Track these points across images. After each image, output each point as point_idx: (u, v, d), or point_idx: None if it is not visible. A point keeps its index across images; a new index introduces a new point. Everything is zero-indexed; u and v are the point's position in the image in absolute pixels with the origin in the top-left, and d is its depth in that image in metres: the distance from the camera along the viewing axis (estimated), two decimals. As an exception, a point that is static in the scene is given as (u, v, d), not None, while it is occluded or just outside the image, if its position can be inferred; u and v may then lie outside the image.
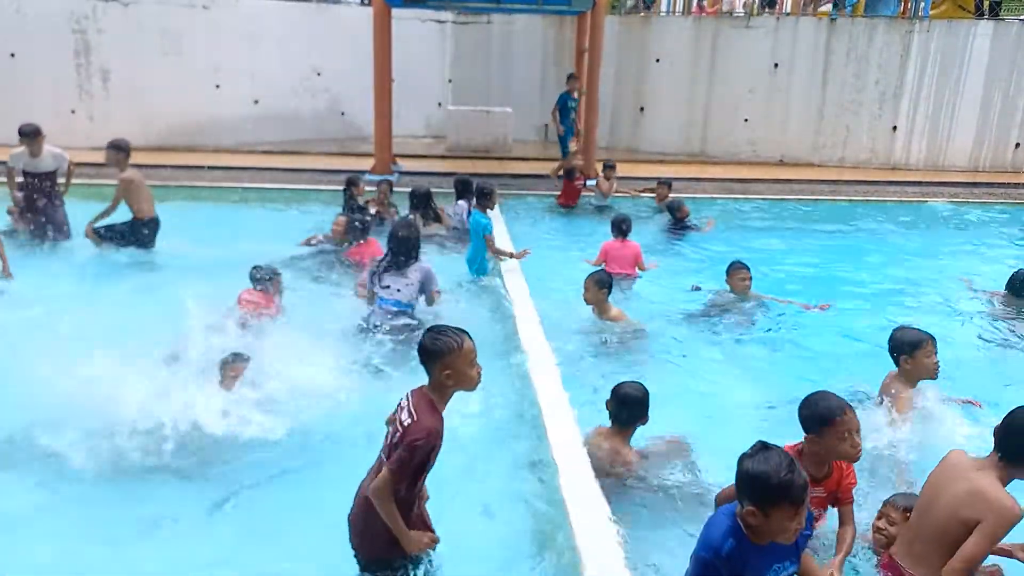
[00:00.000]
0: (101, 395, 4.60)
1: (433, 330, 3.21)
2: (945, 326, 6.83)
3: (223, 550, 3.71)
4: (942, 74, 14.37)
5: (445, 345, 3.11)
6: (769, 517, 2.61)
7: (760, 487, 2.61)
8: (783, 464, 2.61)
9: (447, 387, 3.15)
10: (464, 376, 3.14)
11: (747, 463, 2.67)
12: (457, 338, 3.14)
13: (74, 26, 13.61)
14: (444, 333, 3.16)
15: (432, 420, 3.07)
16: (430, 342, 3.14)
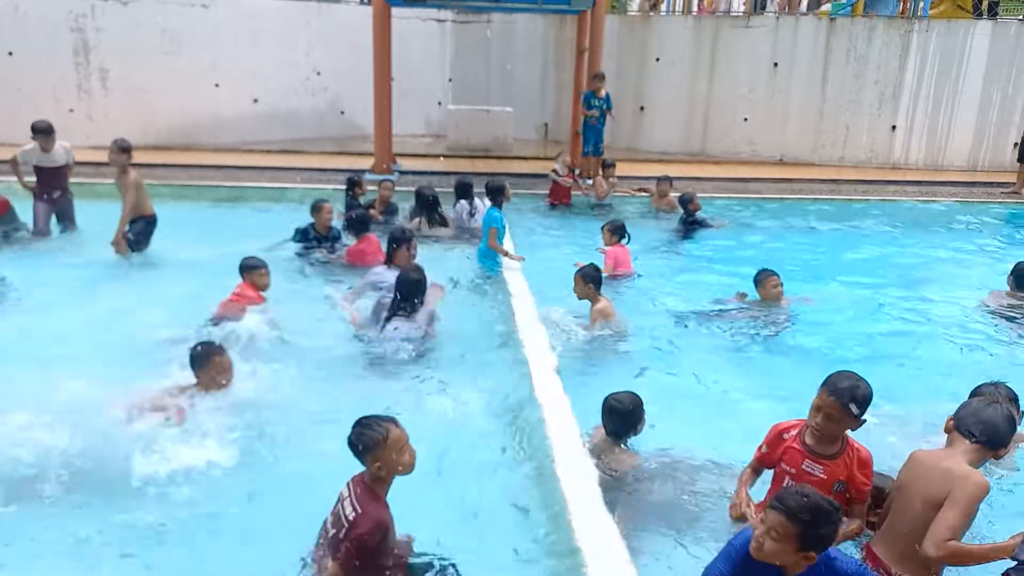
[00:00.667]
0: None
1: (359, 424, 3.18)
2: (947, 327, 6.86)
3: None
4: (941, 74, 14.38)
5: (371, 440, 3.10)
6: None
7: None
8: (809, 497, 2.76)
9: (382, 478, 3.16)
10: (395, 464, 3.14)
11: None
12: (382, 430, 3.13)
13: (72, 25, 13.59)
14: (369, 427, 3.14)
15: (377, 511, 3.09)
16: (355, 437, 3.13)
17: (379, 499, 3.15)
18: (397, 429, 3.17)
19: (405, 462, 3.17)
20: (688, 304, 7.16)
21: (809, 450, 3.41)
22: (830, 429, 3.32)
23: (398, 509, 3.29)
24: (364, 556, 3.05)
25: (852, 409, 3.24)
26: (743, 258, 8.82)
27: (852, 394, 3.25)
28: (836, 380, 3.31)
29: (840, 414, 3.26)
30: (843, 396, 3.25)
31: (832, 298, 7.60)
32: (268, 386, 5.11)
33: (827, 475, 3.35)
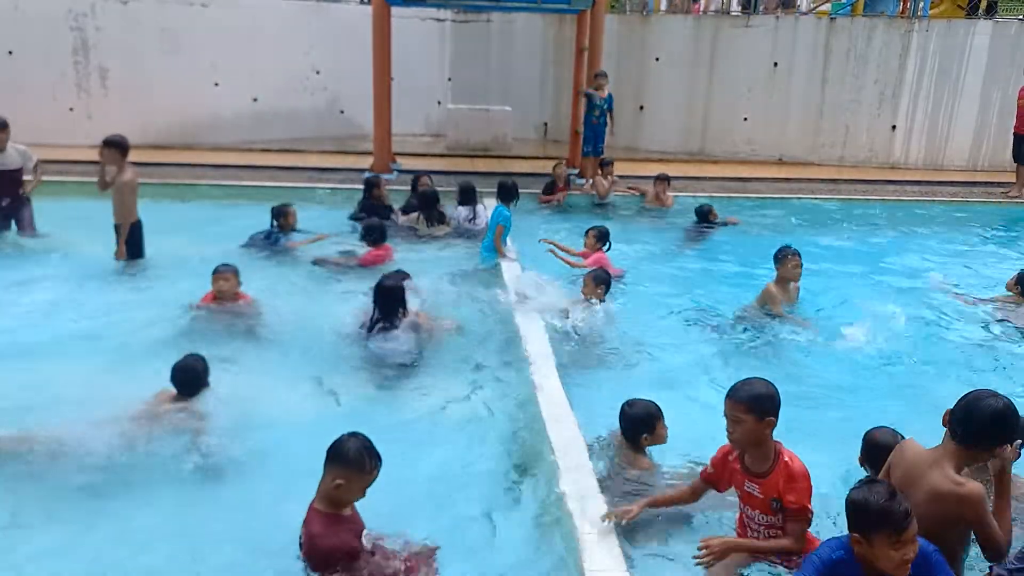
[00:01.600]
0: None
1: (358, 439, 3.16)
2: (945, 327, 6.86)
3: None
4: (941, 73, 14.37)
5: (358, 463, 3.10)
6: (872, 544, 2.70)
7: (860, 514, 2.74)
8: (883, 493, 2.72)
9: (333, 496, 3.13)
10: (351, 494, 3.16)
11: (851, 494, 2.81)
12: (373, 462, 3.13)
13: (72, 24, 13.58)
14: (367, 451, 3.13)
15: (313, 527, 3.09)
16: (352, 448, 3.11)
17: (321, 516, 3.11)
18: (377, 471, 3.18)
19: (360, 496, 3.19)
20: (692, 305, 7.15)
21: (746, 470, 3.38)
22: (739, 435, 3.28)
23: (397, 511, 3.30)
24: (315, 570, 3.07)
25: (750, 407, 3.21)
26: (744, 259, 8.82)
27: (747, 393, 3.23)
28: (735, 385, 3.31)
29: (742, 415, 3.23)
30: (738, 396, 3.24)
31: (831, 299, 7.59)
32: (261, 390, 5.11)
33: (763, 493, 3.32)
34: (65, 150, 12.77)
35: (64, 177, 10.46)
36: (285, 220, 8.50)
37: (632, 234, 9.78)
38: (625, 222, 10.47)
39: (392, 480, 4.17)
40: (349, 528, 3.17)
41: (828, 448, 4.24)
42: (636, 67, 15.56)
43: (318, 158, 13.47)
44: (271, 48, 14.62)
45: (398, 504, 3.99)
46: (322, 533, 3.08)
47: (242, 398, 4.86)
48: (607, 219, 10.47)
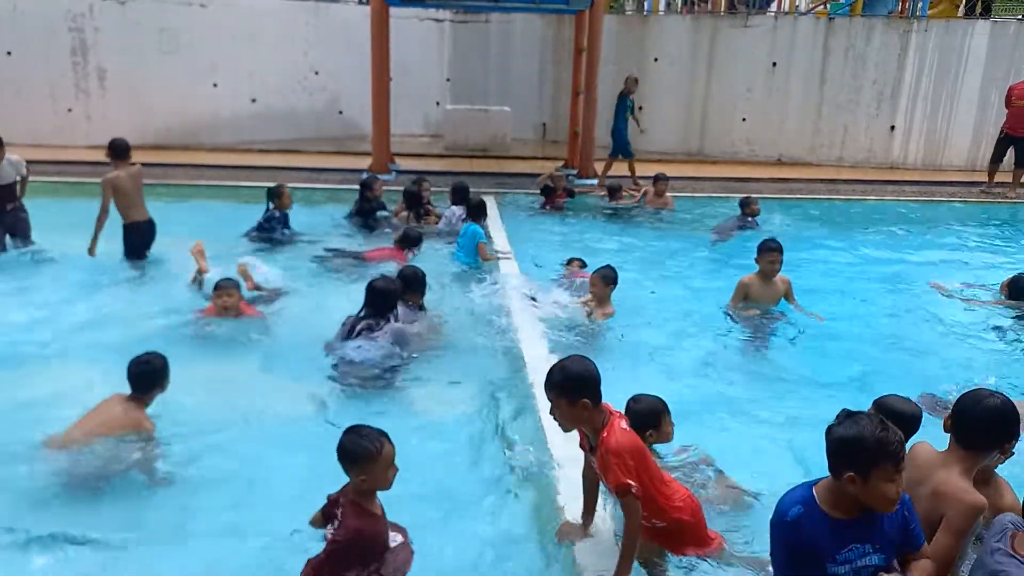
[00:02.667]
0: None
1: (353, 432, 3.15)
2: (943, 328, 6.85)
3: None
4: (940, 73, 14.38)
5: (364, 451, 3.08)
6: (869, 481, 2.53)
7: (856, 450, 2.53)
8: (875, 423, 2.56)
9: (364, 491, 3.15)
10: (380, 480, 3.13)
11: (837, 431, 2.60)
12: (376, 443, 3.10)
13: (71, 24, 13.58)
14: (364, 437, 3.12)
15: (357, 522, 3.09)
16: (349, 444, 3.10)
17: (363, 512, 3.14)
18: (389, 445, 3.15)
19: (388, 479, 3.14)
20: (699, 306, 7.14)
21: (589, 443, 3.37)
22: (559, 419, 3.26)
23: (393, 512, 3.30)
24: (338, 561, 3.07)
25: (560, 392, 3.19)
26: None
27: (558, 378, 3.22)
28: (550, 369, 3.28)
29: (556, 400, 3.22)
30: (549, 382, 3.24)
31: (829, 299, 7.59)
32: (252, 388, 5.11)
33: (598, 467, 3.29)
34: (64, 151, 12.81)
35: (63, 178, 10.48)
36: (280, 201, 8.55)
37: (632, 235, 9.83)
38: (628, 224, 10.49)
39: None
40: (376, 525, 3.20)
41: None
42: (634, 67, 15.53)
43: (317, 158, 13.48)
44: (270, 48, 14.63)
45: (395, 506, 4.00)
46: (362, 525, 3.11)
47: (226, 404, 4.88)
48: (602, 222, 10.52)
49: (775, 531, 2.71)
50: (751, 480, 4.07)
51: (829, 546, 2.62)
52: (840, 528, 2.63)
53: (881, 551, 2.67)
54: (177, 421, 4.53)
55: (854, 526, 2.64)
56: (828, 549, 2.62)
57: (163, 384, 4.42)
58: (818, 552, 2.62)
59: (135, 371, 4.35)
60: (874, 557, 2.67)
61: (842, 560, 2.63)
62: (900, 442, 2.55)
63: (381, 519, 3.24)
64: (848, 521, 2.63)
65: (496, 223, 9.60)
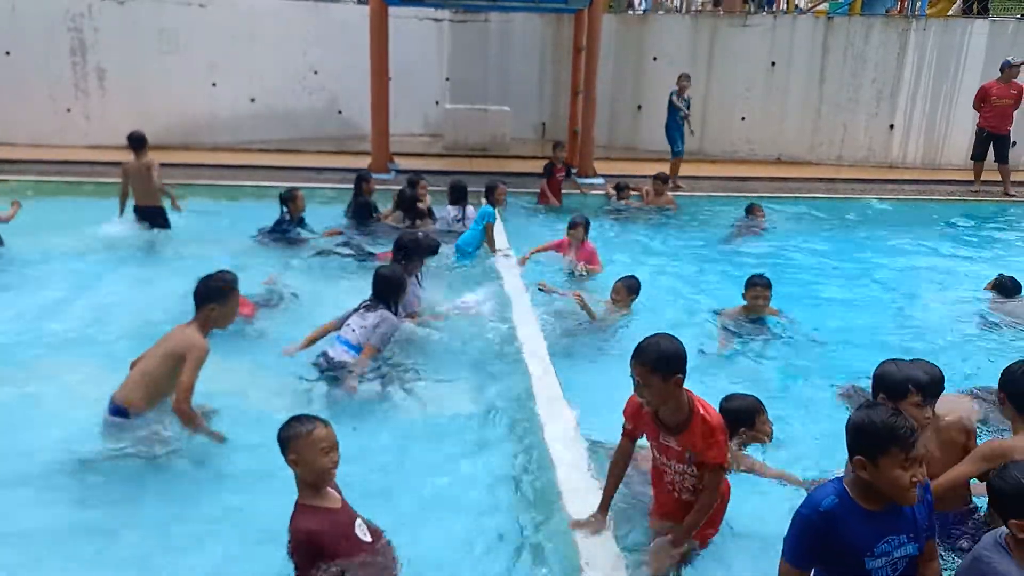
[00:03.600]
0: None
1: (288, 419, 3.14)
2: (942, 328, 6.86)
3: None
4: (939, 72, 14.39)
5: (293, 431, 3.07)
6: (879, 467, 2.54)
7: (864, 434, 2.57)
8: (886, 411, 2.60)
9: (301, 479, 3.09)
10: (311, 464, 3.06)
11: (852, 417, 2.65)
12: (308, 424, 3.08)
13: (70, 24, 13.58)
14: (296, 420, 3.11)
15: (305, 522, 3.02)
16: (281, 429, 3.10)
17: (307, 509, 3.07)
18: (323, 428, 3.11)
19: (322, 464, 3.07)
20: (700, 305, 7.14)
21: (660, 423, 3.34)
22: (649, 396, 3.23)
23: (391, 513, 3.29)
24: (302, 569, 3.02)
25: (655, 368, 3.15)
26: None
27: (652, 354, 3.18)
28: (640, 345, 3.23)
29: (649, 376, 3.17)
30: (643, 357, 3.19)
31: (827, 298, 7.60)
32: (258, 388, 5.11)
33: (680, 445, 3.29)
34: (63, 150, 12.81)
35: (62, 177, 10.48)
36: (294, 205, 8.67)
37: (634, 233, 9.85)
38: (628, 222, 10.52)
39: (388, 482, 4.21)
40: (332, 518, 3.11)
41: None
42: (634, 67, 15.57)
43: (316, 158, 13.47)
44: (269, 48, 14.63)
45: (392, 506, 4.00)
46: (312, 524, 3.03)
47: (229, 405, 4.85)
48: (604, 221, 10.53)
49: (805, 523, 2.65)
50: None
51: (865, 538, 2.60)
52: (874, 519, 2.61)
53: (915, 540, 2.67)
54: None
55: (888, 517, 2.62)
56: (865, 541, 2.60)
57: (220, 300, 4.44)
58: (854, 544, 2.60)
59: (197, 288, 4.44)
60: (909, 547, 2.66)
61: (879, 553, 2.62)
62: (911, 429, 2.55)
63: (339, 511, 3.14)
64: (881, 513, 2.62)
65: (496, 223, 9.58)
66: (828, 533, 2.60)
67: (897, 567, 2.65)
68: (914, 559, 2.69)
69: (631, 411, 3.47)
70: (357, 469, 4.26)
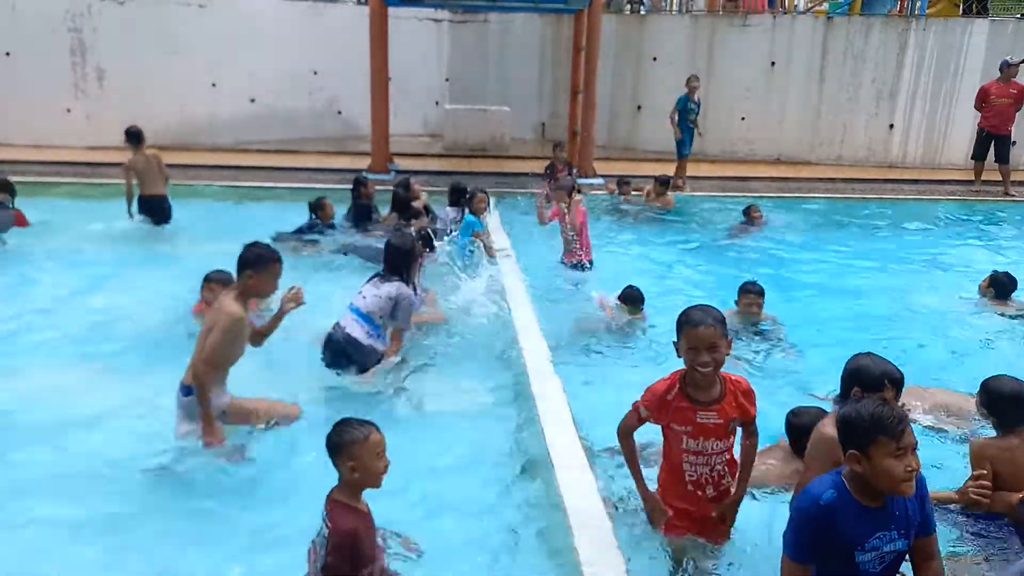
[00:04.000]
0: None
1: (339, 424, 3.15)
2: (940, 328, 6.86)
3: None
4: (938, 72, 14.39)
5: (351, 436, 3.06)
6: (871, 458, 2.55)
7: (853, 426, 2.60)
8: (873, 402, 2.65)
9: (354, 482, 3.09)
10: (369, 469, 3.08)
11: (840, 412, 2.70)
12: (364, 429, 3.09)
13: (70, 24, 13.58)
14: (349, 425, 3.11)
15: (348, 521, 3.03)
16: (335, 433, 3.09)
17: (348, 509, 3.08)
18: (377, 433, 3.13)
19: (379, 469, 3.10)
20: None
21: (696, 402, 3.32)
22: (718, 362, 3.23)
23: (391, 512, 3.30)
24: (336, 569, 3.01)
25: (725, 332, 3.23)
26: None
27: (719, 317, 3.25)
28: (706, 313, 3.25)
29: (722, 339, 3.20)
30: (717, 321, 3.22)
31: (823, 299, 7.60)
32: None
33: (722, 418, 3.31)
34: (62, 151, 12.80)
35: (62, 178, 10.48)
36: (323, 212, 8.84)
37: (633, 232, 9.85)
38: (627, 221, 10.53)
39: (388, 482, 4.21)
40: (367, 522, 3.15)
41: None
42: (633, 67, 15.57)
43: (316, 159, 13.47)
44: (269, 49, 14.62)
45: (393, 507, 4.00)
46: (356, 524, 3.04)
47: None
48: (608, 221, 10.56)
49: (803, 516, 2.67)
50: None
51: (859, 533, 2.63)
52: (869, 515, 2.64)
53: (905, 536, 2.69)
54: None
55: (881, 513, 2.65)
56: (857, 536, 2.63)
57: (257, 268, 4.38)
58: (848, 538, 2.63)
59: (239, 255, 4.46)
60: (898, 543, 2.69)
61: (869, 548, 2.65)
62: (900, 419, 2.57)
63: (368, 515, 3.19)
64: (875, 508, 2.65)
65: (496, 223, 9.60)
66: (827, 527, 2.63)
67: (884, 561, 2.69)
68: (902, 555, 2.72)
69: (655, 402, 3.39)
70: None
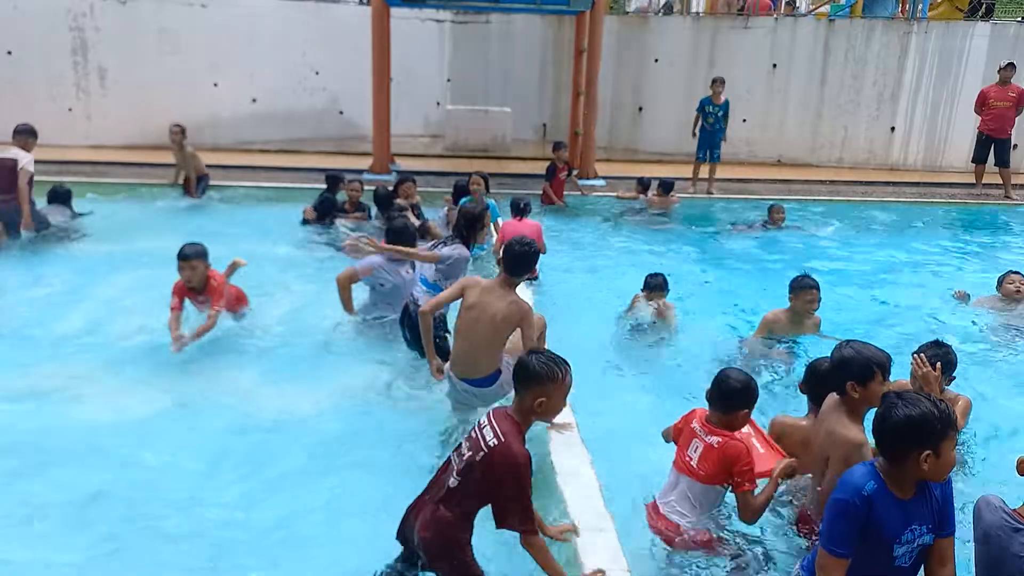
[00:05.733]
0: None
1: (539, 354, 3.09)
2: (939, 328, 6.85)
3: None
4: (940, 75, 14.40)
5: (551, 371, 3.00)
6: (941, 456, 2.59)
7: (924, 429, 2.58)
8: (926, 399, 2.64)
9: (534, 414, 3.04)
10: (554, 408, 3.06)
11: (900, 412, 2.62)
12: (563, 367, 3.05)
13: (71, 24, 13.58)
14: (551, 360, 3.05)
15: (523, 448, 2.94)
16: (537, 363, 3.02)
17: (521, 439, 2.99)
18: (571, 377, 3.11)
19: (559, 410, 3.10)
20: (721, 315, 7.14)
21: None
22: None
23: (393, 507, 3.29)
24: (523, 492, 2.92)
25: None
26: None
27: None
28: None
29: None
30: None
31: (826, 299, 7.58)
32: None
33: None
34: (64, 150, 12.80)
35: (64, 178, 10.47)
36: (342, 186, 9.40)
37: (634, 232, 9.85)
38: (629, 222, 10.52)
39: (388, 483, 4.20)
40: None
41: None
42: (635, 68, 15.57)
43: (317, 159, 13.46)
44: (270, 49, 14.62)
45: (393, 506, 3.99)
46: (525, 450, 2.96)
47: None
48: (613, 220, 10.56)
49: (847, 508, 2.64)
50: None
51: (897, 525, 2.65)
52: (904, 508, 2.67)
53: (932, 530, 2.73)
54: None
55: (913, 506, 2.68)
56: (896, 528, 2.65)
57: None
58: (888, 531, 2.64)
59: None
60: (927, 537, 2.73)
61: (904, 541, 2.67)
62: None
63: None
64: (907, 501, 2.67)
65: (496, 223, 9.60)
66: (867, 518, 2.63)
67: (913, 555, 2.72)
68: (927, 550, 2.74)
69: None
70: (358, 470, 4.28)
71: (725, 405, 3.52)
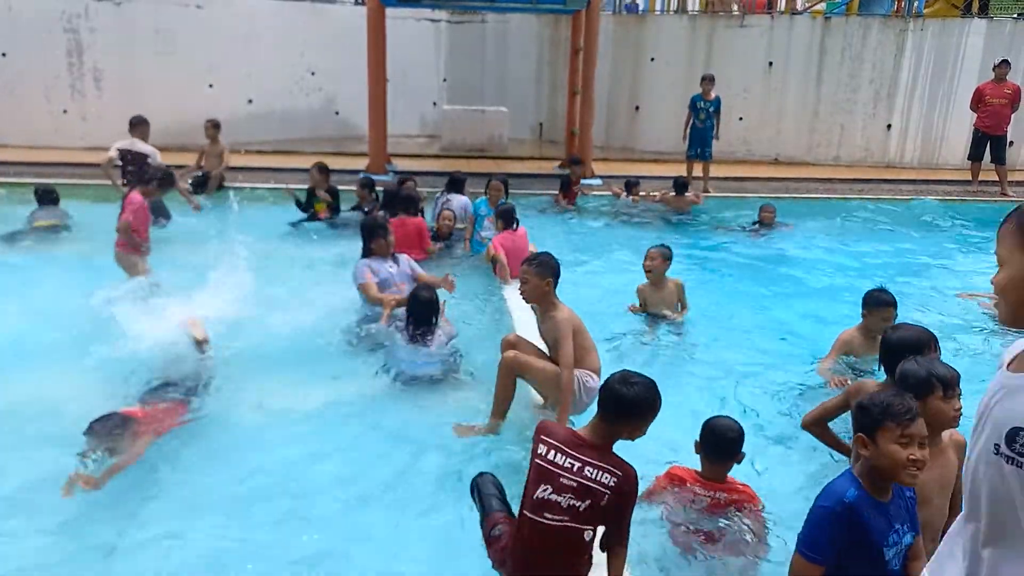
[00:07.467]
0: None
1: (639, 383, 2.98)
2: (939, 328, 6.84)
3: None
4: (936, 72, 14.41)
5: (657, 404, 2.98)
6: (877, 444, 2.61)
7: (865, 412, 2.67)
8: (889, 392, 2.74)
9: (616, 437, 2.97)
10: (639, 435, 3.03)
11: (858, 401, 2.75)
12: (660, 399, 3.02)
13: (66, 25, 13.53)
14: (650, 389, 2.99)
15: (632, 468, 2.92)
16: (646, 394, 2.96)
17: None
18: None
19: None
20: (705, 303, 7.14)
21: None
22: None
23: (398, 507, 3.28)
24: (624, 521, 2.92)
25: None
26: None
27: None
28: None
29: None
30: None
31: (826, 299, 7.59)
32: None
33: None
34: (59, 152, 12.76)
35: (59, 179, 10.44)
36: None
37: (634, 232, 9.83)
38: (629, 222, 10.53)
39: (388, 482, 4.20)
40: None
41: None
42: (631, 67, 15.56)
43: (313, 159, 13.35)
44: (266, 49, 14.60)
45: (392, 507, 3.98)
46: (625, 463, 2.92)
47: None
48: (603, 222, 10.55)
49: (828, 516, 2.62)
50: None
51: (882, 528, 2.64)
52: (884, 509, 2.66)
53: (911, 529, 2.74)
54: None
55: (891, 507, 2.68)
56: (882, 532, 2.64)
57: None
58: (876, 535, 2.63)
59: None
60: (908, 536, 2.72)
61: (892, 543, 2.66)
62: (909, 407, 2.63)
63: None
64: (885, 504, 2.67)
65: (495, 223, 9.58)
66: (854, 525, 2.61)
67: (901, 557, 2.72)
68: (907, 549, 2.74)
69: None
70: (359, 470, 4.28)
71: (725, 457, 3.65)
